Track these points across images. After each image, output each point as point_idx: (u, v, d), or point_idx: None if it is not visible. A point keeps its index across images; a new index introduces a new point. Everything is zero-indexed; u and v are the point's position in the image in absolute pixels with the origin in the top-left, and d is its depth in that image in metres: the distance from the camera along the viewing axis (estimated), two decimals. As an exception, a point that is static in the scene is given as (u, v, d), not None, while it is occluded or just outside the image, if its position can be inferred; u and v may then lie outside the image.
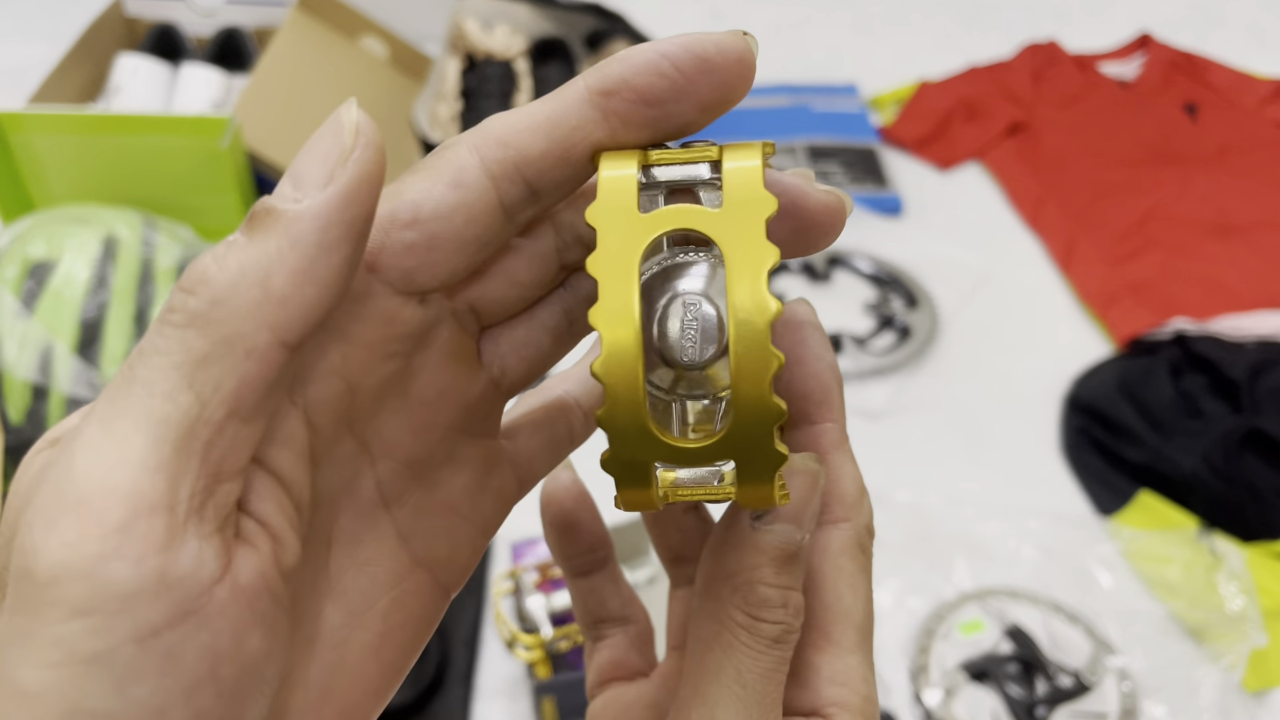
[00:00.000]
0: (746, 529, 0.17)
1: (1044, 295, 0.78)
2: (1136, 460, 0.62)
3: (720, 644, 0.17)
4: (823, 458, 0.18)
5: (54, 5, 1.08)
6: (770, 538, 0.17)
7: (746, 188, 0.14)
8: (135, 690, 0.12)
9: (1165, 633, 0.55)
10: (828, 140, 0.90)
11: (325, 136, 0.14)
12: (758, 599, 0.17)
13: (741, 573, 0.17)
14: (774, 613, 0.17)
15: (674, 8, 1.11)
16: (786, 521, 0.17)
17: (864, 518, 0.19)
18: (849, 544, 0.18)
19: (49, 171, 0.70)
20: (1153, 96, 0.95)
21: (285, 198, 0.14)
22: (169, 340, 0.13)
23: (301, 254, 0.13)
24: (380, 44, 0.88)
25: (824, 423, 0.19)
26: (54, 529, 0.12)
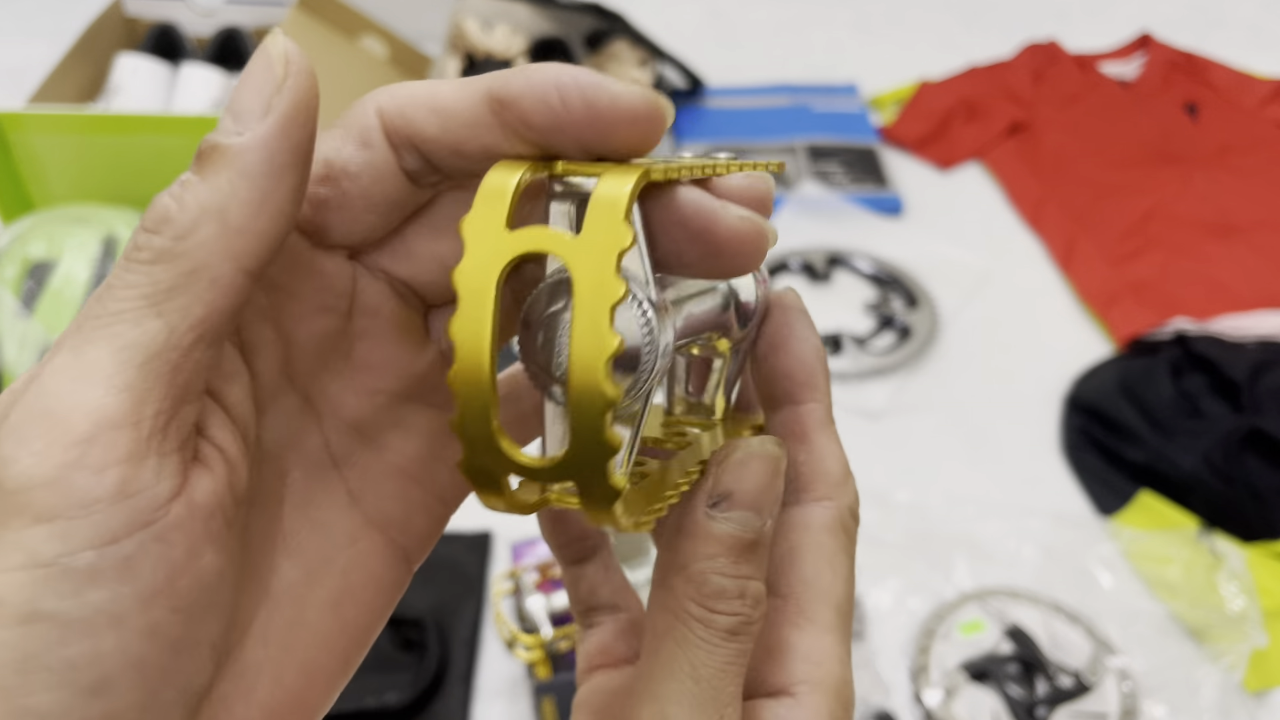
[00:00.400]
0: (701, 517, 0.17)
1: (1044, 295, 0.78)
2: (1137, 460, 0.62)
3: (674, 637, 0.17)
4: (807, 437, 0.19)
5: (54, 5, 1.08)
6: (725, 526, 0.17)
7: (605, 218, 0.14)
8: (93, 595, 0.13)
9: (1166, 633, 0.54)
10: (828, 140, 0.90)
11: (257, 69, 0.14)
12: (712, 590, 0.16)
13: (695, 563, 0.17)
14: (730, 604, 0.16)
15: (673, 7, 1.11)
16: (744, 508, 0.17)
17: (847, 498, 0.19)
18: (831, 522, 0.18)
19: (49, 171, 0.70)
20: (1153, 96, 0.95)
21: (228, 132, 0.14)
22: (136, 275, 0.14)
23: (252, 185, 0.14)
24: (380, 44, 0.88)
25: (808, 403, 0.19)
26: (23, 441, 0.13)
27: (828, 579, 0.18)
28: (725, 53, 1.04)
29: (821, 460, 0.19)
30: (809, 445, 0.19)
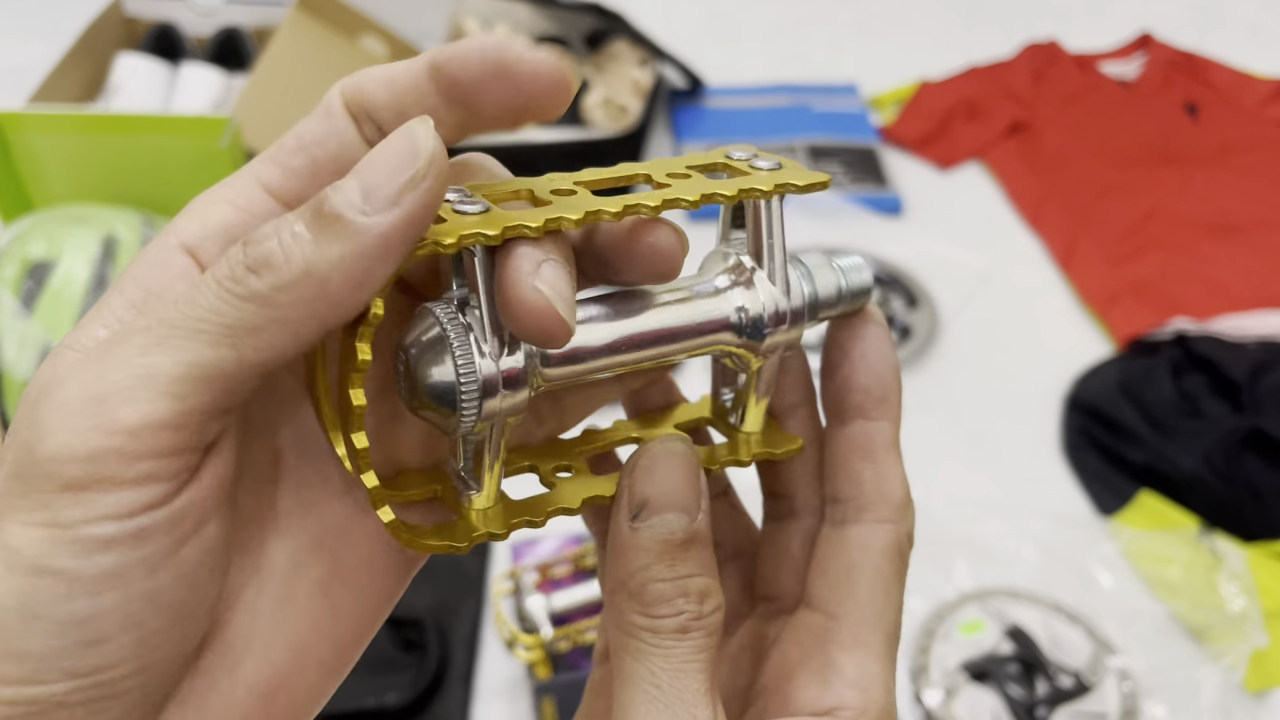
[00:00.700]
0: (625, 530, 0.17)
1: (1044, 295, 0.78)
2: (1137, 460, 0.62)
3: (629, 651, 0.17)
4: (874, 455, 0.19)
5: (54, 4, 1.08)
6: (649, 533, 0.17)
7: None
8: (103, 559, 0.14)
9: (1166, 633, 0.54)
10: (828, 140, 0.90)
11: (400, 151, 0.15)
12: (651, 598, 0.17)
13: (632, 576, 0.17)
14: (671, 605, 0.17)
15: (674, 7, 1.11)
16: (664, 511, 0.17)
17: (907, 523, 0.19)
18: (890, 547, 0.18)
19: (48, 171, 0.70)
20: (1153, 96, 0.95)
21: (354, 207, 0.15)
22: (226, 305, 0.15)
23: (362, 267, 0.15)
24: (380, 43, 0.88)
25: (879, 420, 0.19)
26: (70, 418, 0.14)
27: (881, 604, 0.18)
28: (725, 52, 1.04)
29: (887, 481, 0.19)
30: (876, 465, 0.19)
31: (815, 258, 0.20)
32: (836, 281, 0.20)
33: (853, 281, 0.20)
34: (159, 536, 0.14)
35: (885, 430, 0.19)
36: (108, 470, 0.14)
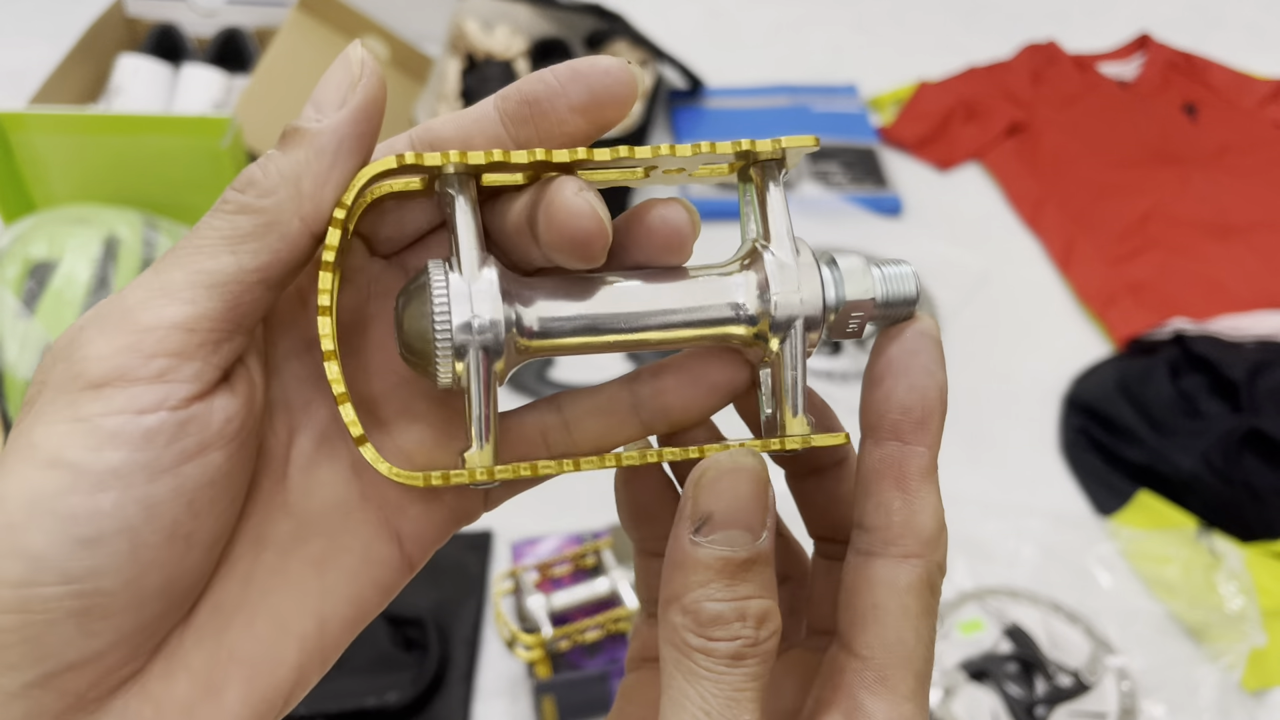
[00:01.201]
0: (686, 545, 0.17)
1: (1043, 296, 0.78)
2: (1136, 460, 0.62)
3: (681, 670, 0.16)
4: (906, 484, 0.18)
5: (55, 6, 1.08)
6: (711, 550, 0.16)
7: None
8: (110, 455, 0.15)
9: (1164, 632, 0.55)
10: (828, 140, 0.90)
11: (338, 69, 0.18)
12: (708, 617, 0.16)
13: (688, 592, 0.16)
14: (728, 629, 0.16)
15: (673, 8, 1.11)
16: (729, 528, 0.17)
17: (938, 555, 0.18)
18: (918, 582, 0.17)
19: (50, 172, 0.70)
20: (1152, 97, 0.95)
21: (309, 119, 0.17)
22: (221, 220, 0.17)
23: (323, 161, 0.17)
24: (381, 44, 0.88)
25: (916, 446, 0.18)
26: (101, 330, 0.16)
27: (911, 644, 0.17)
28: (725, 53, 1.04)
29: (917, 514, 0.18)
30: (907, 494, 0.18)
31: (855, 260, 0.19)
32: (872, 287, 0.18)
33: (894, 290, 0.18)
34: (165, 440, 0.16)
35: (922, 456, 0.18)
36: (125, 367, 0.15)
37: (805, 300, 0.18)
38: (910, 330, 0.18)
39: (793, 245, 0.18)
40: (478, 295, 0.17)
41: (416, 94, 0.87)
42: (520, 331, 0.17)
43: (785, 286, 0.18)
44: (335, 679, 0.52)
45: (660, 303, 0.18)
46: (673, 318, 0.18)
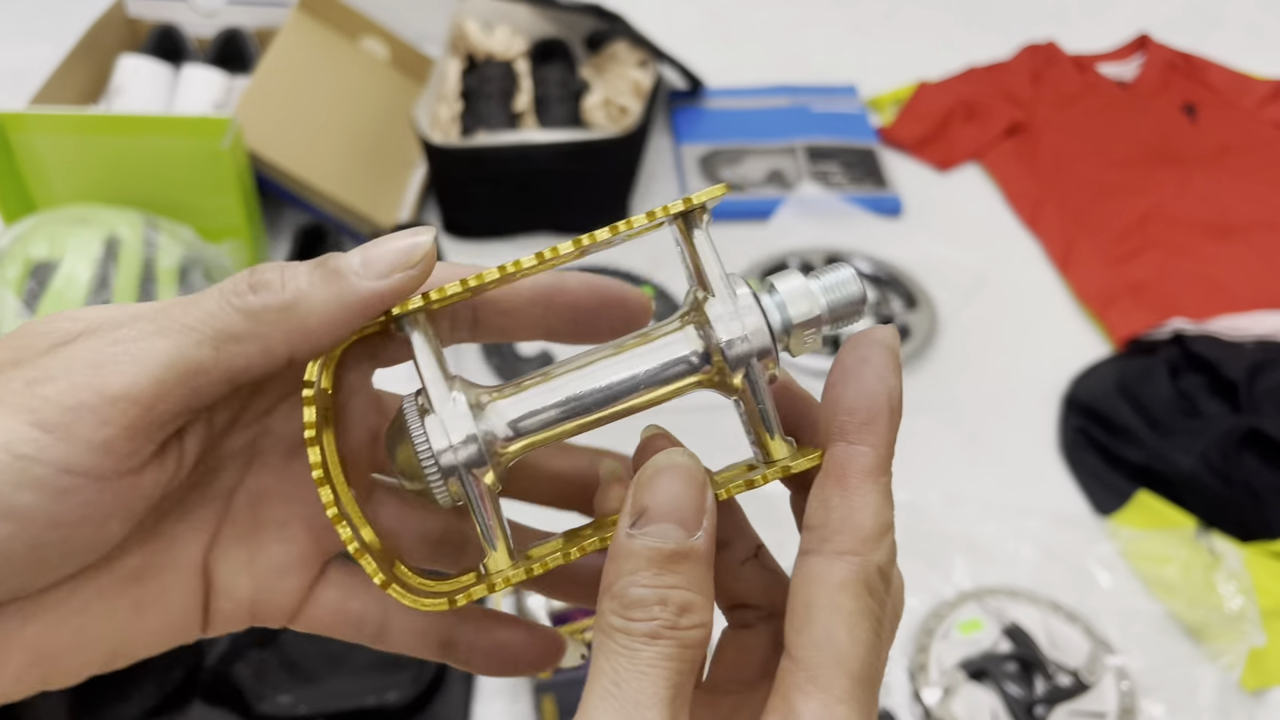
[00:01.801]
0: (623, 537, 0.17)
1: (1042, 296, 0.78)
2: (1135, 460, 0.62)
3: (602, 651, 0.17)
4: (845, 481, 0.18)
5: (56, 6, 1.08)
6: (642, 541, 0.17)
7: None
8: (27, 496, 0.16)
9: (1164, 632, 0.55)
10: (827, 141, 0.90)
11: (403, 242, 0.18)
12: (630, 600, 0.17)
13: (619, 580, 0.17)
14: (647, 611, 0.17)
15: (673, 9, 1.11)
16: (661, 521, 0.17)
17: (879, 556, 0.17)
18: (852, 580, 0.17)
19: (51, 172, 0.70)
20: (1151, 97, 0.95)
21: (352, 269, 0.18)
22: (221, 311, 0.18)
23: (339, 313, 0.18)
24: (381, 45, 0.88)
25: (859, 445, 0.18)
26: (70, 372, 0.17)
27: (843, 643, 0.17)
28: (725, 54, 1.04)
29: (855, 511, 0.17)
30: (846, 492, 0.18)
31: (794, 281, 0.19)
32: (815, 303, 0.19)
33: (838, 298, 0.19)
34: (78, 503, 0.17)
35: (865, 456, 0.18)
36: (78, 425, 0.16)
37: (751, 338, 0.19)
38: (865, 338, 0.19)
39: (728, 287, 0.19)
40: (450, 422, 0.18)
41: (416, 94, 0.87)
42: (499, 440, 0.19)
43: (730, 330, 0.19)
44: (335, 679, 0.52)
45: (619, 374, 0.19)
46: (636, 384, 0.19)
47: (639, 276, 0.77)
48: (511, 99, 0.84)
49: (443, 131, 0.81)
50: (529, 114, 0.84)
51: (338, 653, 0.51)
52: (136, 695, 0.49)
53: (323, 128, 0.79)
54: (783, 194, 0.85)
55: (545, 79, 0.85)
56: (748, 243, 0.81)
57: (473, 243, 0.81)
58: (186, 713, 0.50)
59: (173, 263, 0.62)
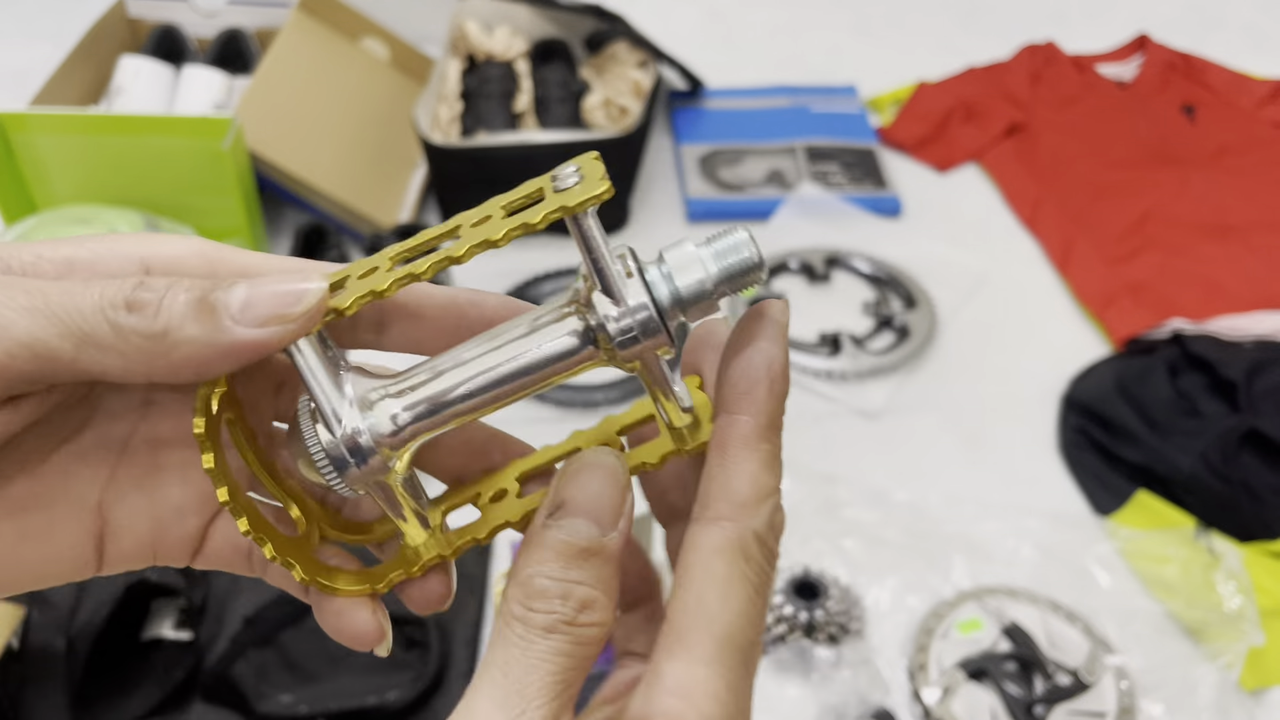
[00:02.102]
0: (538, 527, 0.18)
1: (1042, 296, 0.78)
2: (1134, 460, 0.62)
3: (498, 637, 0.17)
4: (724, 450, 0.18)
5: (57, 7, 1.08)
6: (555, 533, 0.17)
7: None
8: None
9: (1163, 632, 0.55)
10: (827, 141, 0.91)
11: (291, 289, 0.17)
12: (534, 590, 0.17)
13: (526, 568, 0.17)
14: (548, 603, 0.17)
15: (673, 9, 1.11)
16: (576, 516, 0.17)
17: (755, 521, 0.17)
18: (726, 545, 0.17)
19: (51, 172, 0.71)
20: (1151, 97, 0.95)
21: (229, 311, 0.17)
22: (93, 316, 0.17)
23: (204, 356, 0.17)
24: (381, 45, 0.88)
25: (739, 415, 0.18)
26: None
27: (712, 605, 0.17)
28: (725, 54, 1.04)
29: (732, 478, 0.18)
30: (723, 460, 0.18)
31: (684, 249, 0.19)
32: (702, 273, 0.18)
33: (730, 264, 0.18)
34: None
35: (743, 424, 0.18)
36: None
37: (635, 313, 0.18)
38: (753, 312, 0.19)
39: (612, 264, 0.18)
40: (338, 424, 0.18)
41: (417, 95, 0.87)
42: (386, 437, 0.19)
43: (611, 310, 0.18)
44: (336, 678, 0.52)
45: (507, 367, 0.19)
46: (524, 373, 0.19)
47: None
48: (512, 99, 0.84)
49: (443, 132, 0.81)
50: (529, 114, 0.84)
51: (338, 652, 0.51)
52: (137, 694, 0.49)
53: (323, 128, 0.79)
54: (782, 194, 0.85)
55: (545, 79, 0.86)
56: (747, 243, 0.81)
57: (473, 243, 0.81)
58: (187, 712, 0.50)
59: (173, 263, 0.62)
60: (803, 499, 0.60)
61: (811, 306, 0.77)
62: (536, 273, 0.78)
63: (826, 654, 0.51)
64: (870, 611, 0.55)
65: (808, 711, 0.50)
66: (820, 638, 0.52)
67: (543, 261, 0.79)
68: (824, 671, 0.51)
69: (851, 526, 0.59)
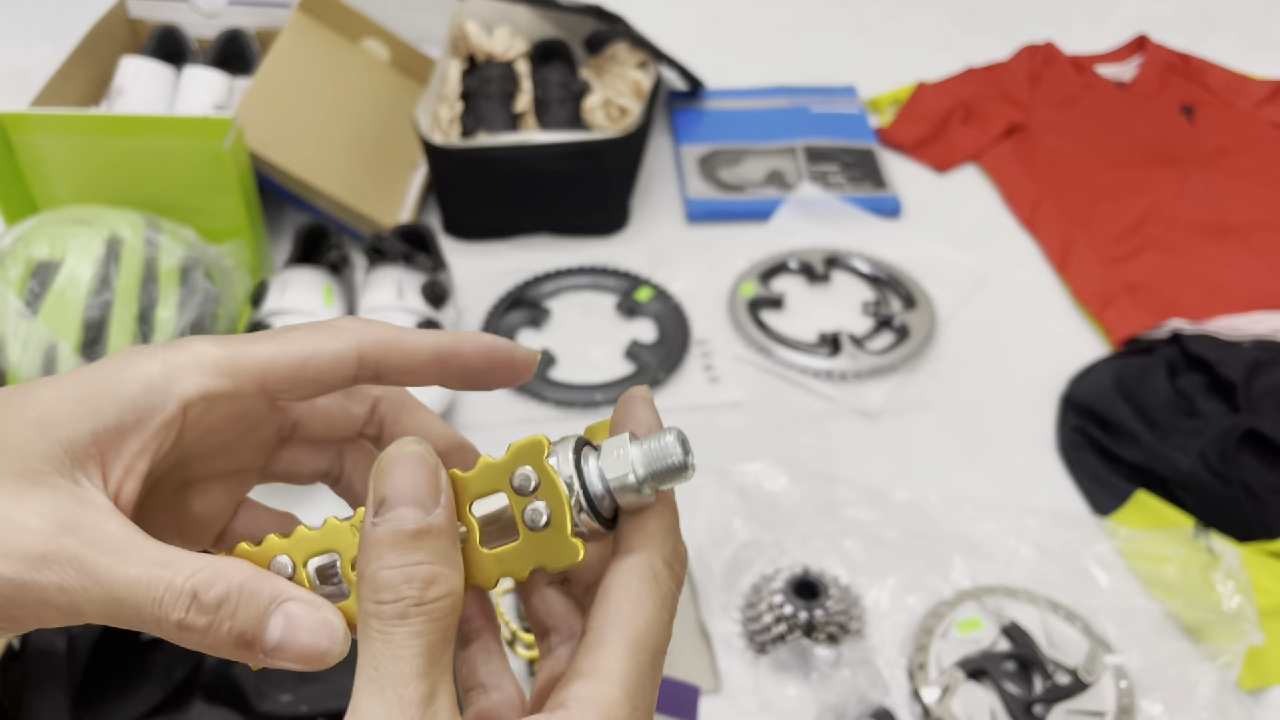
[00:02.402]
0: (368, 528, 0.19)
1: (1041, 296, 0.79)
2: (1133, 460, 0.63)
3: (363, 640, 0.18)
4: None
5: (57, 7, 1.09)
6: (384, 527, 0.19)
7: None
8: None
9: (1162, 631, 0.55)
10: (827, 142, 0.91)
11: (321, 645, 0.19)
12: (380, 584, 0.18)
13: (368, 567, 0.19)
14: (395, 591, 0.18)
15: (673, 10, 1.12)
16: (398, 506, 0.19)
17: (662, 549, 0.20)
18: (639, 565, 0.20)
19: (52, 173, 0.71)
20: (1150, 98, 0.95)
21: (265, 646, 0.19)
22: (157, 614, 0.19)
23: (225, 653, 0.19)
24: (381, 46, 0.88)
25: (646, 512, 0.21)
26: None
27: (626, 611, 0.19)
28: (725, 55, 1.04)
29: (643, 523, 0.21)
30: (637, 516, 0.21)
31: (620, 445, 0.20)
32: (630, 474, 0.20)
33: (655, 469, 0.20)
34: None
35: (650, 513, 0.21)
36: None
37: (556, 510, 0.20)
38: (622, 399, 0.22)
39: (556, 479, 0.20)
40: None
41: (417, 95, 0.87)
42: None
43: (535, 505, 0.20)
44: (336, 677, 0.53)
45: None
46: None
47: (639, 276, 0.78)
48: (512, 100, 0.85)
49: (443, 132, 0.81)
50: (529, 115, 0.84)
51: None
52: (138, 694, 0.49)
53: (324, 128, 0.79)
54: (782, 195, 0.85)
55: (546, 80, 0.86)
56: (748, 243, 0.81)
57: (473, 243, 0.81)
58: (188, 711, 0.50)
59: (174, 263, 0.63)
60: (802, 499, 0.60)
61: (811, 307, 0.77)
62: (536, 272, 0.78)
63: (826, 653, 0.51)
64: (870, 611, 0.55)
65: (808, 710, 0.50)
66: (820, 637, 0.52)
67: (542, 261, 0.79)
68: (824, 671, 0.51)
69: (851, 526, 0.59)
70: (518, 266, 0.78)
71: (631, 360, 0.72)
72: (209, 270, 0.65)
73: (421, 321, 0.65)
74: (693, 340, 0.73)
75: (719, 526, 0.58)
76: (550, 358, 0.71)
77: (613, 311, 0.76)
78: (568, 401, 0.68)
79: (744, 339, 0.73)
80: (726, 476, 0.61)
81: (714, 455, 0.64)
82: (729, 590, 0.56)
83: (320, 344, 0.20)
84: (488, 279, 0.77)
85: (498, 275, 0.77)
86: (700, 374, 0.71)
